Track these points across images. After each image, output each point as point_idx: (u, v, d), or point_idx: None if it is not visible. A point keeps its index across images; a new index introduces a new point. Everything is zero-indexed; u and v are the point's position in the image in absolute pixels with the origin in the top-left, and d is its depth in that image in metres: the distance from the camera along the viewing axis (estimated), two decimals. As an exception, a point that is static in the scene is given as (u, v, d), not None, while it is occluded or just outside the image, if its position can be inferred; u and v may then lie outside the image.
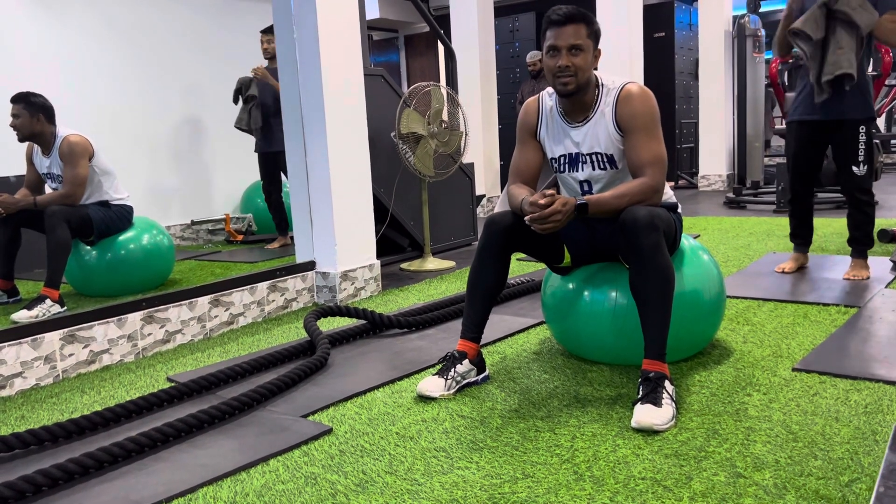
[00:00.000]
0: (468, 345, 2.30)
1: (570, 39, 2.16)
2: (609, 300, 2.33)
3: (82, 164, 3.70)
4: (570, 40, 2.16)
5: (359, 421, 2.10)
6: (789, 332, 2.69)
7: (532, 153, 2.39)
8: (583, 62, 2.18)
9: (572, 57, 2.17)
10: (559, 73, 2.19)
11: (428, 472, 1.76)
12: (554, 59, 2.19)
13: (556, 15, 2.18)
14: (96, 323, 2.79)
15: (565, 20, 2.17)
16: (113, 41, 5.58)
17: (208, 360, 2.83)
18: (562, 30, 2.17)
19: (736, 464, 1.70)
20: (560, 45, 2.17)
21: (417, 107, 4.27)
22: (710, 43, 8.15)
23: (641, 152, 2.18)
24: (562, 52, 2.17)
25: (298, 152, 3.65)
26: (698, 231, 5.26)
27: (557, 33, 2.18)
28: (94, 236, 3.78)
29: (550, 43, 2.19)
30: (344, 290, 3.67)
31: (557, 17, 2.18)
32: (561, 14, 2.17)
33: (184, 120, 6.09)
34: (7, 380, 2.53)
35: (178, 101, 6.02)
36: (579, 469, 1.72)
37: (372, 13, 9.69)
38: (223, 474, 1.79)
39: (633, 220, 2.04)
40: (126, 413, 2.18)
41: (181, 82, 6.04)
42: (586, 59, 2.19)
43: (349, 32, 3.63)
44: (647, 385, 1.98)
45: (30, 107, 3.64)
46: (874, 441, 1.77)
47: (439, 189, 4.92)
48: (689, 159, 8.97)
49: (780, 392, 2.12)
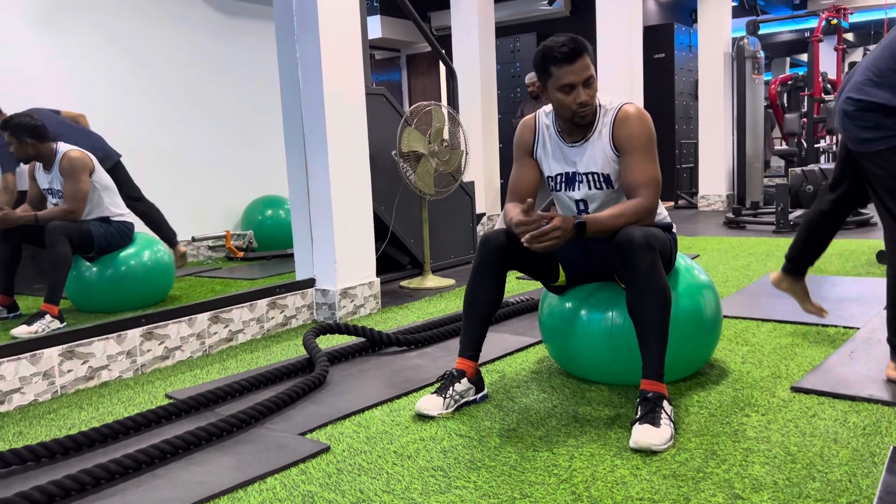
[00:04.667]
0: (467, 363, 2.30)
1: (584, 73, 2.14)
2: (606, 320, 2.33)
3: (83, 180, 3.72)
4: (584, 74, 2.14)
5: (357, 439, 2.10)
6: (788, 353, 2.69)
7: (528, 171, 2.39)
8: (595, 91, 2.19)
9: (588, 90, 2.16)
10: (580, 108, 2.16)
11: (426, 492, 1.75)
12: (572, 96, 2.15)
13: (562, 52, 2.12)
14: (95, 339, 2.79)
15: (574, 55, 2.12)
16: (117, 60, 5.62)
17: (207, 376, 2.83)
18: (573, 66, 2.12)
19: (734, 485, 1.69)
20: (576, 81, 2.13)
21: (419, 125, 4.30)
22: (709, 64, 8.22)
23: (637, 173, 2.19)
24: (579, 87, 2.14)
25: (299, 169, 3.67)
26: (698, 251, 5.26)
27: (570, 70, 2.12)
28: (95, 252, 3.79)
29: (565, 81, 2.13)
30: (343, 307, 3.67)
31: (564, 53, 2.12)
32: (567, 49, 2.11)
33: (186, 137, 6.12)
34: (5, 395, 2.53)
35: (180, 119, 6.06)
36: (577, 489, 1.72)
37: (374, 33, 9.77)
38: (220, 492, 1.79)
39: (630, 241, 2.04)
40: (124, 430, 2.18)
41: (183, 100, 6.08)
42: (596, 87, 2.20)
43: (351, 51, 3.67)
44: (646, 405, 1.98)
45: (17, 132, 3.65)
46: (872, 463, 1.76)
47: (440, 207, 4.93)
48: (689, 179, 9.00)
49: (778, 413, 2.11)
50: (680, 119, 9.05)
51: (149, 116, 5.84)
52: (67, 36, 5.32)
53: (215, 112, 6.25)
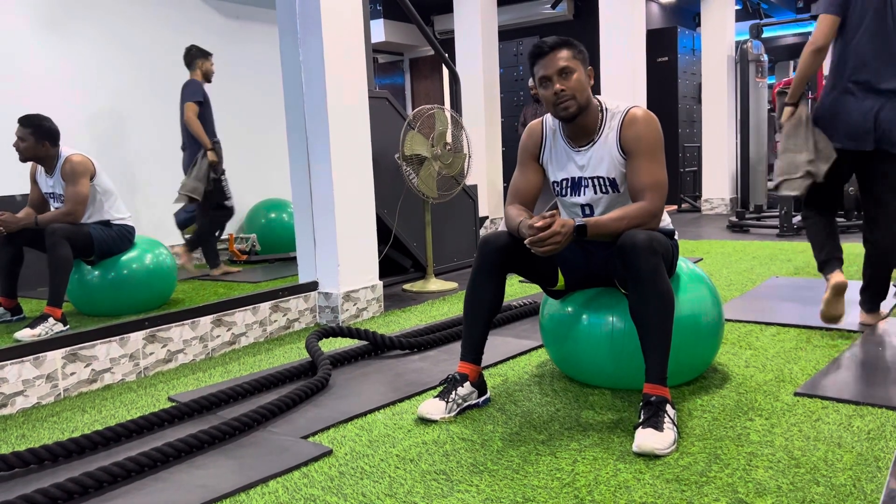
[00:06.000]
0: (469, 367, 2.30)
1: (557, 64, 2.19)
2: (606, 324, 2.33)
3: (83, 183, 3.73)
4: (558, 65, 2.19)
5: (359, 443, 2.10)
6: (792, 357, 2.68)
7: (532, 176, 2.40)
8: (576, 83, 2.20)
9: (564, 80, 2.20)
10: (557, 99, 2.21)
11: (428, 495, 1.75)
12: (549, 89, 2.21)
13: (537, 49, 2.23)
14: (98, 342, 2.79)
15: (549, 49, 2.21)
16: (119, 63, 5.64)
17: (210, 379, 2.83)
18: (547, 58, 2.21)
19: (738, 489, 1.69)
20: (549, 73, 2.20)
21: (421, 129, 4.30)
22: (712, 68, 8.21)
23: (642, 176, 2.19)
24: (553, 79, 2.20)
25: (302, 173, 3.67)
26: (701, 254, 5.25)
27: (544, 63, 2.21)
28: (95, 256, 3.79)
29: (541, 75, 2.22)
30: (346, 310, 3.67)
31: (539, 48, 2.22)
32: (544, 45, 2.21)
33: (189, 140, 6.12)
34: (8, 398, 2.53)
35: (184, 122, 6.06)
36: (580, 493, 1.71)
37: (377, 36, 9.78)
38: (222, 495, 1.79)
39: (633, 245, 2.04)
40: (127, 432, 2.18)
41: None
42: (580, 80, 2.21)
43: (354, 55, 3.67)
44: (649, 409, 1.98)
45: (38, 132, 3.68)
46: (877, 468, 1.76)
47: (442, 211, 4.93)
48: (693, 183, 8.99)
49: (782, 417, 2.11)
50: (683, 122, 9.05)
51: (153, 119, 5.85)
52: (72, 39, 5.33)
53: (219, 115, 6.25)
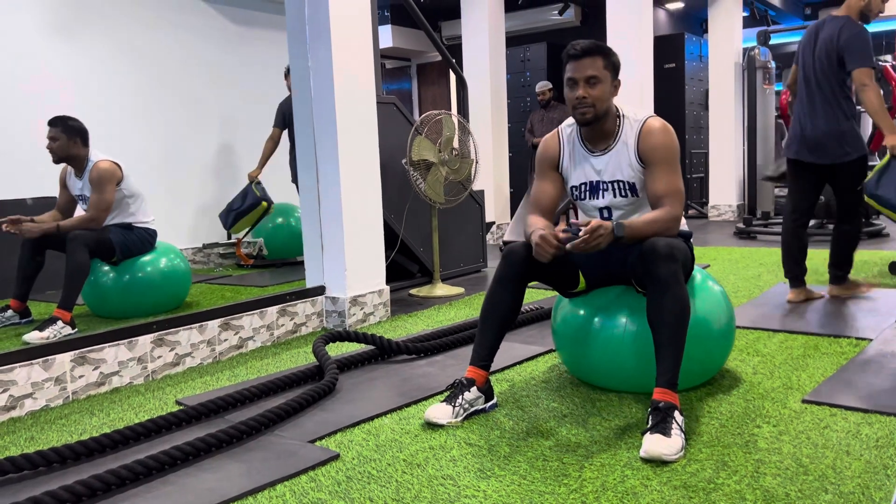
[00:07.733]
0: (477, 372, 2.30)
1: (586, 71, 2.26)
2: (620, 326, 2.34)
3: (108, 190, 3.77)
4: (586, 72, 2.26)
5: (366, 447, 2.10)
6: (800, 364, 2.67)
7: (551, 186, 2.46)
8: (600, 93, 2.27)
9: (589, 88, 2.26)
10: (577, 104, 2.28)
11: (435, 500, 1.75)
12: (573, 91, 2.29)
13: (574, 49, 2.29)
14: (107, 345, 2.80)
15: (583, 54, 2.28)
16: (130, 69, 5.67)
17: (217, 383, 2.84)
18: (579, 62, 2.27)
19: (746, 497, 1.68)
20: (577, 77, 2.27)
21: (429, 134, 4.31)
22: (720, 74, 8.21)
23: (661, 184, 2.27)
24: (579, 83, 2.27)
25: (311, 178, 3.68)
26: (708, 261, 5.24)
27: (575, 66, 2.28)
28: (118, 256, 3.83)
29: (569, 75, 2.31)
30: (353, 315, 3.68)
31: (575, 51, 2.29)
32: (579, 48, 2.29)
33: (197, 145, 6.16)
34: (17, 400, 2.55)
35: (191, 128, 6.10)
36: (587, 499, 1.71)
37: (385, 42, 9.81)
38: (230, 499, 1.79)
39: (653, 250, 2.09)
40: (134, 435, 2.19)
41: (195, 109, 6.12)
42: (603, 91, 2.28)
43: (363, 61, 3.68)
44: (657, 415, 1.97)
45: (68, 130, 3.75)
46: (885, 475, 1.75)
47: (449, 216, 4.94)
48: (700, 189, 8.98)
49: (790, 424, 2.10)
50: (690, 129, 9.04)
51: (162, 124, 5.89)
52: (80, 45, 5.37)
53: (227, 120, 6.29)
